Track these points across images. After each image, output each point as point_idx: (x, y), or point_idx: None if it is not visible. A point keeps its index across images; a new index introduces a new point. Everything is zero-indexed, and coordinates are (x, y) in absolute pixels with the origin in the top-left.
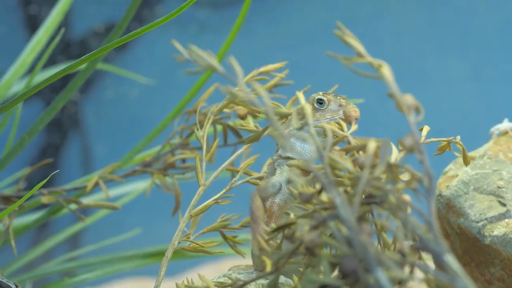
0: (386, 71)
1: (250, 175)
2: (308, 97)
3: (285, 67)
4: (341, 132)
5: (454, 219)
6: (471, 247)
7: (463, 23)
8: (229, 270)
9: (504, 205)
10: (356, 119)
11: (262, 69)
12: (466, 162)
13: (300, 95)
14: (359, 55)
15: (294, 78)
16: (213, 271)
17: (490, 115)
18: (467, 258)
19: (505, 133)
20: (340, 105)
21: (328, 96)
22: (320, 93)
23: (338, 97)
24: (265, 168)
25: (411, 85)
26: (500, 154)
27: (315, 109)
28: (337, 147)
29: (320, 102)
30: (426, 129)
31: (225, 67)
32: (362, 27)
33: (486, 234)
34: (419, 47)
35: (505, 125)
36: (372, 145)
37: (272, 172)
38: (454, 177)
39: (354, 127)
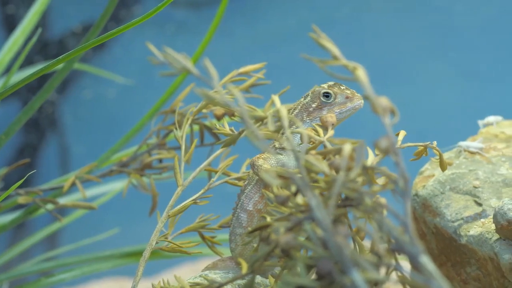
0: (361, 73)
1: (228, 176)
2: (303, 92)
3: (264, 67)
4: (318, 137)
5: (430, 218)
6: (447, 246)
7: (443, 23)
8: (204, 269)
9: (480, 204)
10: (332, 124)
11: (242, 69)
12: (443, 167)
13: (276, 98)
14: (334, 57)
15: (273, 78)
16: (191, 271)
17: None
18: (443, 257)
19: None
20: (347, 97)
21: (334, 89)
22: (325, 85)
23: (343, 88)
24: (244, 168)
25: (391, 85)
26: (476, 154)
27: (322, 104)
28: (313, 151)
29: (327, 95)
30: (402, 133)
31: (202, 67)
32: (341, 27)
33: (462, 233)
34: (399, 47)
35: (491, 119)
36: (347, 148)
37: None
38: (430, 177)
39: (331, 132)
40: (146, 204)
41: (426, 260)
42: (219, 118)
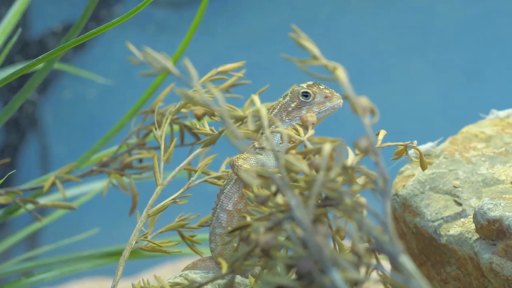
0: (341, 73)
1: (208, 175)
2: (283, 91)
3: (244, 67)
4: (298, 137)
5: (410, 218)
6: (427, 246)
7: (423, 23)
8: (184, 269)
9: (460, 204)
10: (312, 124)
11: (221, 68)
12: (423, 167)
13: (256, 97)
14: (314, 57)
15: (253, 78)
16: (171, 271)
17: (451, 113)
18: (423, 257)
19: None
20: (326, 97)
21: (313, 88)
22: (304, 85)
23: (322, 88)
24: (223, 167)
25: (371, 84)
26: (456, 154)
27: (301, 103)
28: (293, 150)
29: (306, 95)
30: (382, 133)
31: (182, 67)
32: (322, 27)
33: (442, 233)
34: (380, 47)
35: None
36: (327, 147)
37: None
38: (411, 176)
39: (311, 132)
40: (126, 204)
41: (405, 260)
42: (199, 117)
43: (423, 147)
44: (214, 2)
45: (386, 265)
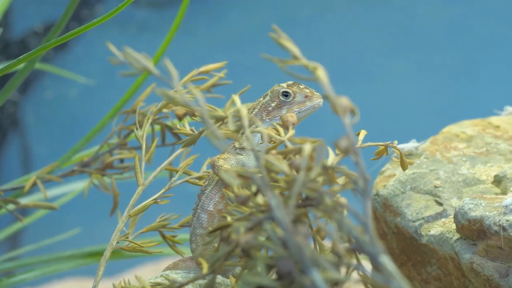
0: (321, 73)
1: (189, 175)
2: (265, 91)
3: (225, 67)
4: (278, 137)
5: (391, 218)
6: (408, 246)
7: (405, 22)
8: (165, 269)
9: (440, 204)
10: (293, 124)
11: (202, 68)
12: (404, 167)
13: (236, 97)
14: (294, 57)
15: (235, 78)
16: (153, 271)
17: (433, 113)
18: (404, 257)
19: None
20: (306, 96)
21: (293, 88)
22: (284, 85)
23: (302, 87)
24: (204, 167)
25: (353, 84)
26: (437, 154)
27: (281, 103)
28: (273, 150)
29: (286, 94)
30: (363, 133)
31: (163, 67)
32: (303, 27)
33: (423, 233)
34: (361, 47)
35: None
36: (307, 147)
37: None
38: (391, 176)
39: (291, 131)
40: (108, 204)
41: (386, 260)
42: (180, 118)
43: (407, 146)
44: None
45: (367, 265)
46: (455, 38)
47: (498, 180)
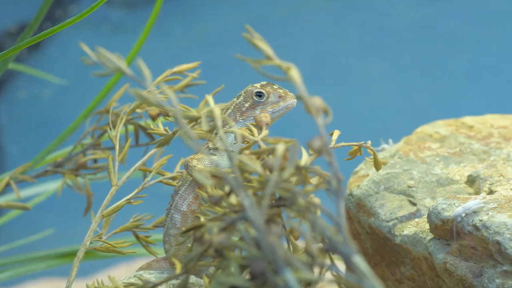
0: (294, 73)
1: (163, 175)
2: (239, 91)
3: (200, 67)
4: (252, 137)
5: (365, 218)
6: (382, 246)
7: (380, 23)
8: (138, 269)
9: (414, 204)
10: (267, 124)
11: (176, 69)
12: (377, 167)
13: (210, 98)
14: (268, 57)
15: (209, 78)
16: (127, 272)
17: (407, 113)
18: (377, 257)
19: None
20: (280, 96)
21: (267, 88)
22: (258, 85)
23: (275, 87)
24: (178, 168)
25: (327, 85)
26: (411, 154)
27: (255, 103)
28: (247, 151)
29: (259, 95)
30: (336, 133)
31: (137, 68)
32: (278, 27)
33: (396, 233)
34: (336, 47)
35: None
36: (280, 147)
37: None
38: (365, 176)
39: (265, 132)
40: (81, 204)
41: (359, 260)
42: (154, 118)
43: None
44: (170, 2)
45: (341, 265)
46: (429, 38)
47: (471, 180)
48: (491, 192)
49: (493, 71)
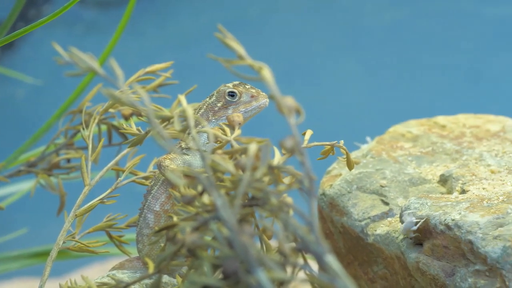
0: (267, 73)
1: (136, 175)
2: (212, 91)
3: (173, 67)
4: (224, 137)
5: (338, 218)
6: (355, 245)
7: (352, 23)
8: (111, 269)
9: (387, 204)
10: (239, 124)
11: (149, 68)
12: (350, 166)
13: (182, 97)
14: (240, 57)
15: (182, 78)
16: (100, 271)
17: (379, 113)
18: (350, 256)
19: None
20: (252, 96)
21: (239, 88)
22: (230, 85)
23: (248, 87)
24: (151, 167)
25: (300, 84)
26: (383, 153)
27: (227, 103)
28: (219, 150)
29: (232, 94)
30: (309, 132)
31: (110, 67)
32: (251, 27)
33: (369, 233)
34: (310, 47)
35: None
36: (253, 147)
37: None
38: (338, 176)
39: (238, 131)
40: (54, 204)
41: (331, 259)
42: (126, 117)
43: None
44: (143, 2)
45: (314, 265)
46: (402, 38)
47: (443, 180)
48: (463, 191)
49: (465, 71)
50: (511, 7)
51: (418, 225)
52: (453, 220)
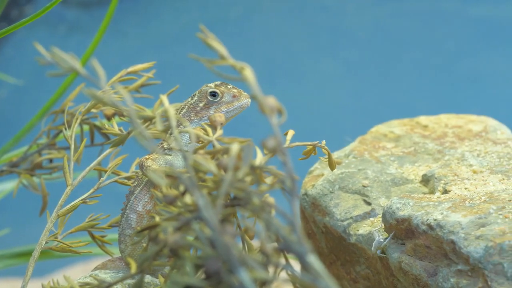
0: (248, 73)
1: (118, 175)
2: (194, 91)
3: (155, 67)
4: (206, 137)
5: (320, 218)
6: (337, 245)
7: (334, 23)
8: (94, 269)
9: (369, 204)
10: (221, 124)
11: (131, 69)
12: (332, 166)
13: (164, 98)
14: (222, 57)
15: (165, 78)
16: (83, 271)
17: (361, 113)
18: (333, 256)
19: None
20: (234, 96)
21: (221, 88)
22: (212, 85)
23: (229, 87)
24: (133, 168)
25: (282, 84)
26: (366, 154)
27: (209, 103)
28: (201, 150)
29: (214, 95)
30: (291, 132)
31: (92, 68)
32: (233, 27)
33: (351, 232)
34: (290, 47)
35: None
36: (235, 147)
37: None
38: (320, 176)
39: (220, 131)
40: (37, 204)
41: (313, 259)
42: (109, 118)
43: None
44: (125, 2)
45: (296, 265)
46: (383, 38)
47: (426, 180)
48: (445, 191)
49: (446, 71)
50: (493, 7)
51: (385, 242)
52: (435, 220)
